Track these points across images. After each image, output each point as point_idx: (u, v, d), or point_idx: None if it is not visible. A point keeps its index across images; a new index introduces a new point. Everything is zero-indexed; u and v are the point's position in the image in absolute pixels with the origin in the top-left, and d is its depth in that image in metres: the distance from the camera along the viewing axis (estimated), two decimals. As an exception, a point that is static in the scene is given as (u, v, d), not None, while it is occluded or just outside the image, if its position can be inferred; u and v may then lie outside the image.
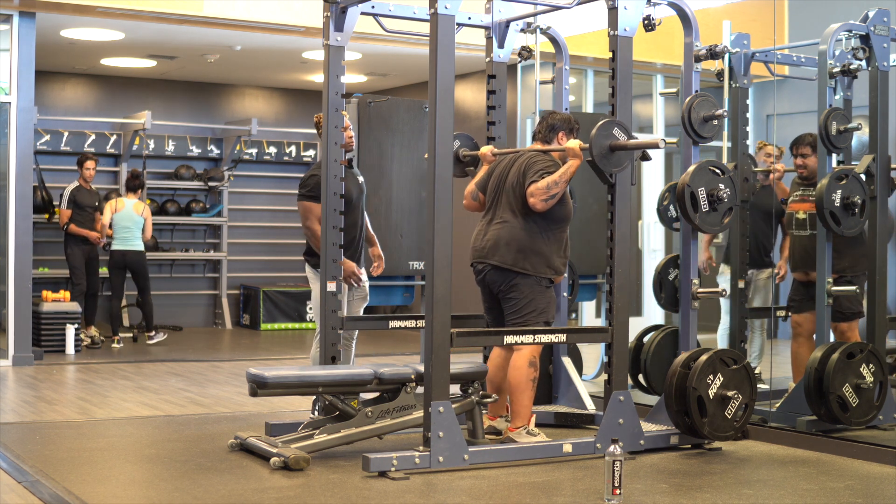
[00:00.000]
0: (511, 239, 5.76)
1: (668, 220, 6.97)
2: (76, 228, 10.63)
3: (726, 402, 5.69)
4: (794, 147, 6.79)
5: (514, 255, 5.74)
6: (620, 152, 5.55)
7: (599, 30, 6.25)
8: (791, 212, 6.78)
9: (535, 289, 5.76)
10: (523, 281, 5.74)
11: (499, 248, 5.78)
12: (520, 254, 5.74)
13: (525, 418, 5.72)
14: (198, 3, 9.35)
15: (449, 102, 5.22)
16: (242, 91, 13.53)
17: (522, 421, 5.72)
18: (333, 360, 6.08)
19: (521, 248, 5.75)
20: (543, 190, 5.64)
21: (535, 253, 5.75)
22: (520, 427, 5.71)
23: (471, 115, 11.81)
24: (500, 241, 5.78)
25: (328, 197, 6.15)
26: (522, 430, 5.70)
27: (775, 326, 7.67)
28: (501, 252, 5.76)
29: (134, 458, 5.65)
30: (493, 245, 5.80)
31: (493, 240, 5.81)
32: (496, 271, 5.78)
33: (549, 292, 5.84)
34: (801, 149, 6.73)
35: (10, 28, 9.13)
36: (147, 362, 9.64)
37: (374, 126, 6.62)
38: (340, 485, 4.92)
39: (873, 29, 6.28)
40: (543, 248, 5.77)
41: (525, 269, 5.73)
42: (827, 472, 5.38)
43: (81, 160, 10.75)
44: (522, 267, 5.74)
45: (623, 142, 5.52)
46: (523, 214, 5.77)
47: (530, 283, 5.75)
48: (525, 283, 5.74)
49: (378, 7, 6.30)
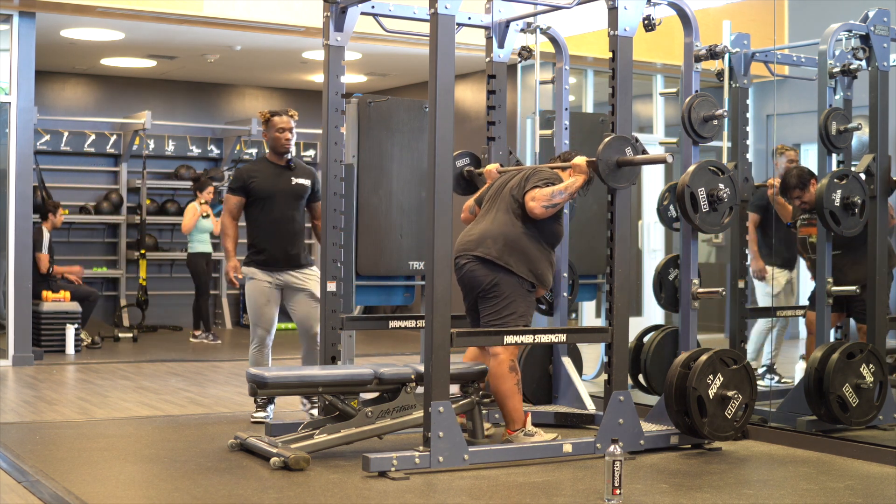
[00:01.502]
0: (499, 234, 5.68)
1: (668, 220, 6.96)
2: (60, 269, 10.87)
3: (726, 402, 5.69)
4: (784, 193, 6.79)
5: (499, 249, 5.65)
6: (627, 168, 5.56)
7: (599, 30, 6.24)
8: (803, 236, 6.80)
9: (516, 290, 5.66)
10: (506, 279, 5.63)
11: (485, 240, 5.69)
12: (506, 248, 5.65)
13: (519, 421, 5.69)
14: (198, 3, 9.35)
15: (449, 102, 5.22)
16: (242, 91, 13.54)
17: (518, 424, 5.68)
18: (333, 360, 6.09)
19: (508, 243, 5.66)
20: (547, 197, 5.62)
21: (521, 252, 5.66)
22: (517, 430, 5.68)
23: (471, 115, 11.81)
24: (487, 235, 5.70)
25: (328, 197, 6.15)
26: (520, 433, 5.67)
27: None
28: (487, 245, 5.67)
29: (134, 458, 5.65)
30: (478, 238, 5.72)
31: (479, 233, 5.74)
32: (479, 264, 5.66)
33: (530, 297, 5.73)
34: (792, 192, 6.73)
35: (10, 28, 9.13)
36: (147, 362, 9.65)
37: (374, 126, 6.61)
38: (340, 485, 4.92)
39: (873, 29, 6.28)
40: (531, 251, 5.68)
41: (509, 265, 5.62)
42: (827, 472, 5.37)
43: (55, 207, 10.73)
44: (506, 262, 5.63)
45: (630, 157, 5.53)
46: (517, 217, 5.70)
47: (512, 282, 5.64)
48: (507, 281, 5.63)
49: (378, 7, 6.30)
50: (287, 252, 6.57)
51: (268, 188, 6.56)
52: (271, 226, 6.57)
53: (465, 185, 6.61)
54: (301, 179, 6.62)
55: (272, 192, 6.56)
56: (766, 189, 7.16)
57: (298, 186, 6.61)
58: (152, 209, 12.47)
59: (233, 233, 6.66)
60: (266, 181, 6.57)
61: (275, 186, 6.56)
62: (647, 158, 5.58)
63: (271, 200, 6.57)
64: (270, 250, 6.56)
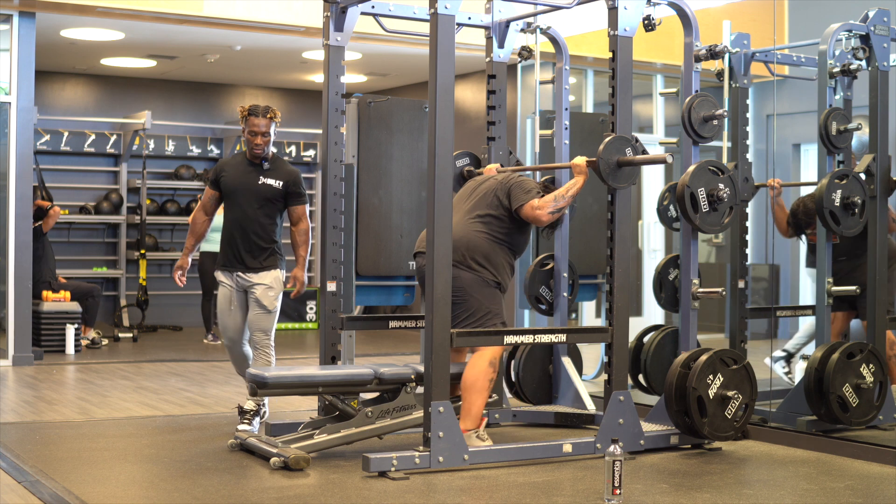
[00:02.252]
0: (461, 235, 5.58)
1: (668, 220, 6.96)
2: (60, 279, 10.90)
3: (726, 402, 5.69)
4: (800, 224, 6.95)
5: (461, 253, 5.53)
6: (627, 168, 5.57)
7: (599, 30, 6.26)
8: (813, 243, 6.83)
9: (482, 289, 5.55)
10: (465, 274, 5.52)
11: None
12: (467, 248, 5.56)
13: (476, 421, 5.51)
14: (198, 3, 9.35)
15: (449, 102, 5.22)
16: (242, 91, 13.54)
17: (473, 423, 5.50)
18: (333, 360, 6.09)
19: (469, 243, 5.57)
20: (551, 203, 5.60)
21: (481, 252, 5.57)
22: (470, 430, 5.47)
23: (471, 115, 11.81)
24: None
25: (328, 197, 6.15)
26: (472, 434, 5.47)
27: (775, 327, 7.67)
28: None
29: (134, 458, 5.65)
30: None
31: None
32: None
33: (497, 294, 5.63)
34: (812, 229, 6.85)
35: (10, 28, 9.13)
36: (147, 362, 9.65)
37: (373, 126, 6.61)
38: (340, 485, 4.92)
39: (873, 29, 6.28)
40: (492, 253, 5.60)
41: (469, 265, 5.54)
42: (827, 472, 5.38)
43: (42, 212, 10.57)
44: (468, 265, 5.53)
45: (630, 157, 5.53)
46: (482, 218, 5.64)
47: (472, 280, 5.53)
48: (467, 277, 5.52)
49: (378, 7, 6.30)
50: (240, 252, 6.22)
51: (232, 184, 6.25)
52: (230, 224, 6.28)
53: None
54: (270, 180, 6.21)
55: (235, 189, 6.24)
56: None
57: (265, 187, 6.21)
58: (152, 209, 12.48)
59: (198, 229, 6.41)
60: (233, 177, 6.26)
61: (240, 183, 6.24)
62: (647, 158, 5.59)
63: (234, 197, 6.26)
64: (226, 249, 6.28)
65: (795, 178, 8.27)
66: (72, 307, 10.17)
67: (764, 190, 7.18)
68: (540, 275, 6.79)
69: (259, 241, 6.24)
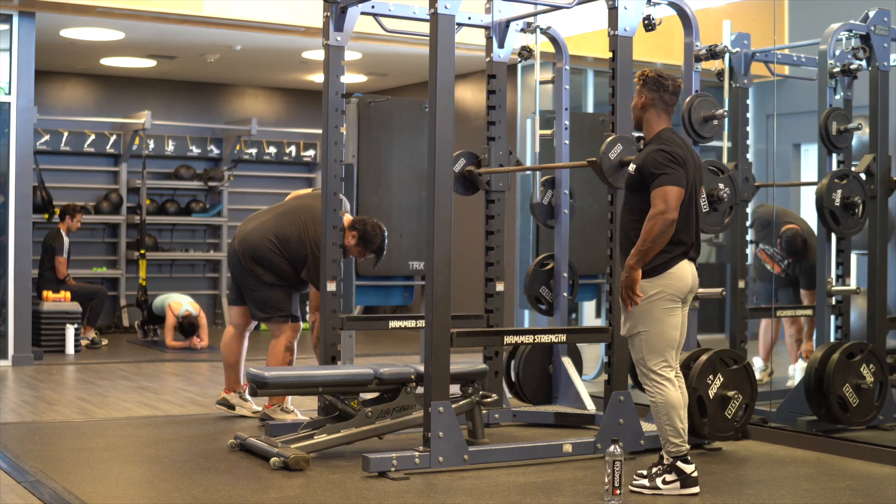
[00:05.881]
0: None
1: (668, 220, 6.94)
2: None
3: (726, 403, 5.69)
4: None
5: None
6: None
7: (599, 30, 6.25)
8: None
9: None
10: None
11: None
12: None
13: (280, 397, 6.22)
14: (198, 3, 9.35)
15: (449, 102, 5.22)
16: (242, 91, 13.53)
17: (277, 399, 6.27)
18: (333, 360, 6.09)
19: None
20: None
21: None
22: (275, 405, 6.31)
23: (471, 115, 11.81)
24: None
25: (328, 197, 6.15)
26: (277, 408, 6.31)
27: (776, 327, 7.66)
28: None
29: (134, 458, 5.65)
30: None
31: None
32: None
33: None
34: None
35: (10, 28, 9.13)
36: (147, 362, 9.65)
37: (373, 126, 6.61)
38: (340, 485, 4.92)
39: (873, 29, 6.28)
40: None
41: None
42: (827, 472, 5.37)
43: (73, 211, 10.76)
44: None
45: (632, 157, 5.52)
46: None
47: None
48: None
49: (378, 7, 6.30)
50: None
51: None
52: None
53: (465, 185, 6.60)
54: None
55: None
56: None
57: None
58: (152, 209, 12.47)
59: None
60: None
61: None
62: None
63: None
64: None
65: (795, 178, 8.27)
66: (72, 307, 10.17)
67: (764, 190, 7.19)
68: (540, 275, 6.79)
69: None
